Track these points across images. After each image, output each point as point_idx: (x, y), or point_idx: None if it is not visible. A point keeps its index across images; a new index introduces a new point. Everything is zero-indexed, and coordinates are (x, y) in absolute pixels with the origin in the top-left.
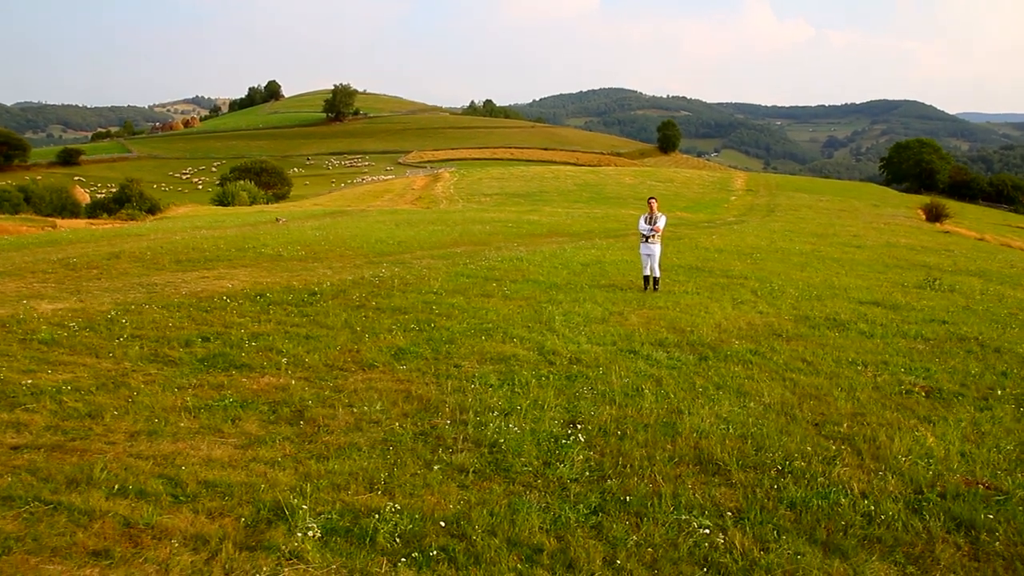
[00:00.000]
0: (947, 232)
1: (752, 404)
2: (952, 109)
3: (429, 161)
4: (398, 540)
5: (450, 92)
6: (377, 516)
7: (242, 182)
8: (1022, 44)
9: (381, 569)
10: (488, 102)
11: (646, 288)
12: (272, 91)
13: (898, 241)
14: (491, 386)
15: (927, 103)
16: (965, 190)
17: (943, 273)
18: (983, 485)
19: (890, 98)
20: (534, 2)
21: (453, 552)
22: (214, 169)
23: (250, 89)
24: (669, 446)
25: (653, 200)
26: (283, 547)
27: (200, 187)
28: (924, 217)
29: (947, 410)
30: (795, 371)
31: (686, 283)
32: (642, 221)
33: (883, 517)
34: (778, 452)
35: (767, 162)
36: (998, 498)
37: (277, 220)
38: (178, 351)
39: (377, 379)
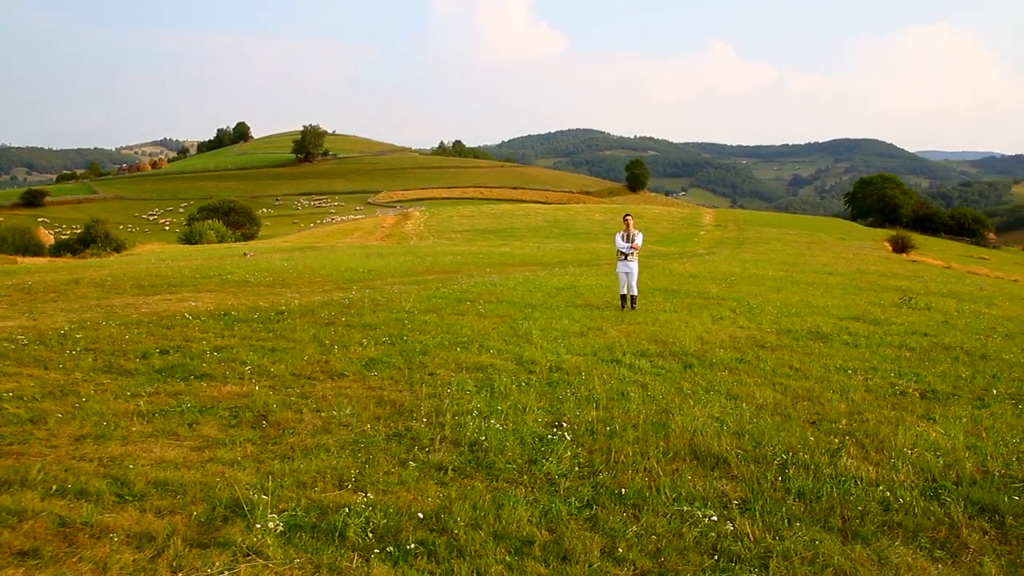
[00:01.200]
0: (914, 261)
1: (744, 405)
2: (912, 147)
3: (399, 201)
4: (371, 535)
5: (419, 134)
6: (347, 511)
7: (210, 221)
8: (975, 84)
9: (352, 564)
10: (457, 143)
11: (623, 307)
12: (241, 132)
13: (868, 268)
14: (468, 391)
15: (887, 141)
16: (928, 223)
17: (917, 295)
18: (998, 473)
19: (852, 137)
20: (502, 45)
21: (433, 546)
22: (181, 210)
23: (219, 131)
24: (662, 443)
25: (629, 217)
26: (240, 543)
27: (167, 228)
28: (891, 248)
29: (944, 409)
30: (784, 376)
31: (663, 303)
32: (619, 238)
33: (900, 503)
34: (778, 446)
35: (734, 200)
36: (1016, 485)
37: (245, 254)
38: (134, 362)
39: (347, 387)
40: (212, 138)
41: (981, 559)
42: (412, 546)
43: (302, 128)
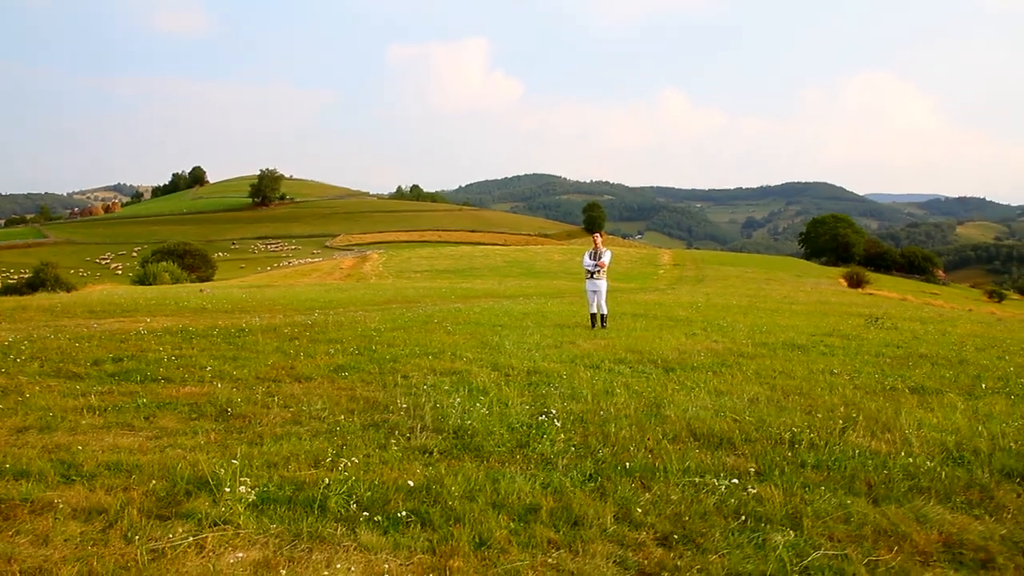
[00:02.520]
0: (871, 294)
1: (735, 399)
2: (861, 190)
3: (357, 244)
4: (354, 506)
5: (377, 178)
6: (326, 483)
7: (165, 263)
8: (920, 130)
9: (336, 532)
10: (415, 187)
11: (594, 326)
12: (197, 177)
13: (829, 299)
14: (445, 390)
15: (837, 184)
16: (880, 261)
17: (883, 318)
18: (1013, 445)
19: (803, 180)
20: (459, 91)
21: (426, 515)
22: (135, 254)
23: (174, 175)
24: (659, 427)
25: (598, 235)
26: (206, 514)
27: (119, 272)
28: (846, 284)
29: (939, 399)
30: (769, 377)
31: (633, 323)
32: (587, 257)
33: (924, 470)
34: (781, 428)
35: (689, 243)
36: None
37: (202, 290)
38: (84, 368)
39: (316, 387)
40: (167, 183)
41: (1020, 518)
42: (403, 514)
43: (259, 172)
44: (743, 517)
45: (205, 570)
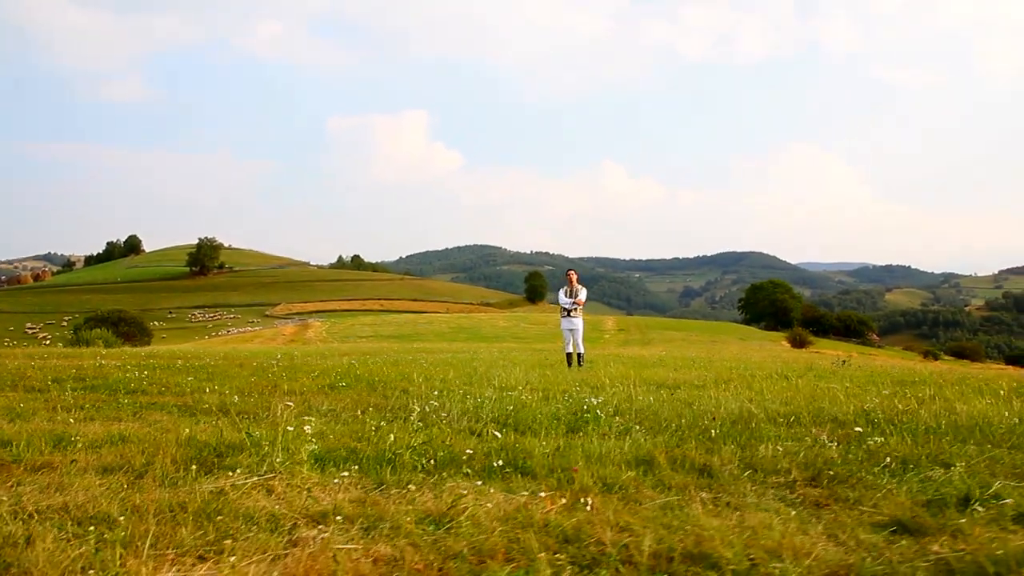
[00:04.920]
0: (818, 352)
1: (767, 399)
2: (793, 259)
3: (298, 313)
4: (432, 463)
5: (318, 248)
6: (391, 442)
7: (98, 330)
8: (847, 201)
9: (428, 479)
10: (356, 257)
11: (570, 365)
12: (132, 245)
13: (782, 355)
14: (456, 399)
15: (771, 254)
16: (817, 325)
17: (847, 361)
18: None
19: (738, 250)
20: (400, 163)
21: (526, 465)
22: (65, 323)
23: (109, 243)
24: (711, 412)
25: (572, 272)
26: (256, 466)
27: (48, 342)
28: (790, 345)
29: (962, 400)
30: (783, 391)
31: (607, 366)
32: (562, 295)
33: (1001, 429)
34: (837, 413)
35: (629, 312)
36: None
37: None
38: (44, 383)
39: (313, 397)
40: (101, 251)
41: None
42: (499, 464)
43: (197, 241)
44: (886, 460)
45: (290, 506)
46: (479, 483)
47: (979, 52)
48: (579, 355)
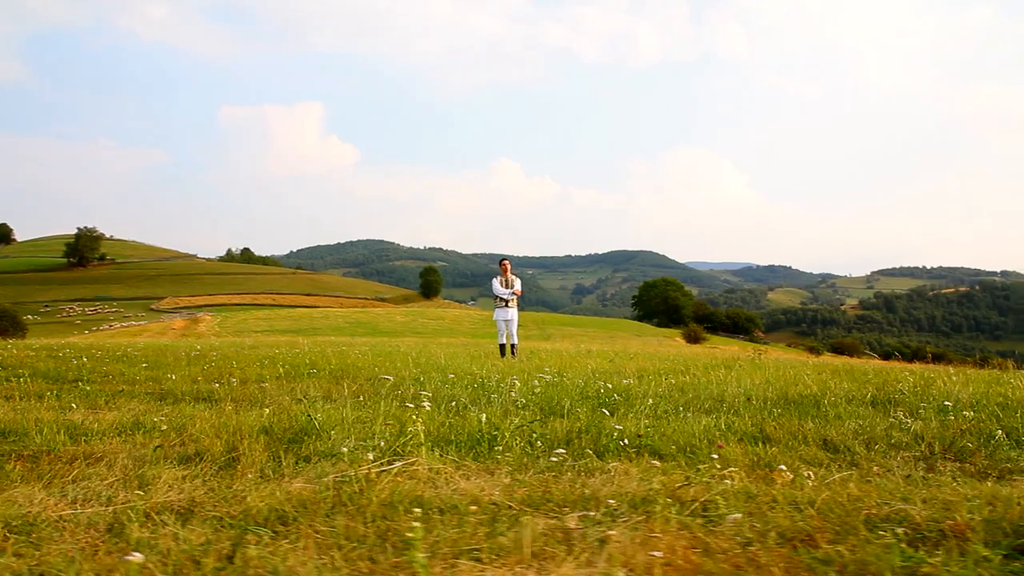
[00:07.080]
0: (715, 348)
1: (749, 383)
2: (682, 259)
3: (185, 307)
4: (540, 443)
5: (206, 241)
6: (482, 421)
7: None
8: (734, 204)
9: (562, 462)
10: (246, 250)
11: (504, 356)
12: (3, 234)
13: (683, 352)
14: (446, 385)
15: (661, 253)
16: (707, 322)
17: (757, 356)
18: None
19: (628, 249)
20: (293, 155)
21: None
22: None
23: None
24: (730, 390)
25: (506, 262)
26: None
27: None
28: (685, 341)
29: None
30: (750, 374)
31: (536, 358)
32: (497, 284)
33: None
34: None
35: (522, 308)
36: None
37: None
38: None
39: (283, 385)
40: None
41: None
42: (623, 442)
43: (76, 231)
44: (997, 434)
45: (446, 489)
46: (619, 464)
47: (858, 65)
48: (513, 346)
